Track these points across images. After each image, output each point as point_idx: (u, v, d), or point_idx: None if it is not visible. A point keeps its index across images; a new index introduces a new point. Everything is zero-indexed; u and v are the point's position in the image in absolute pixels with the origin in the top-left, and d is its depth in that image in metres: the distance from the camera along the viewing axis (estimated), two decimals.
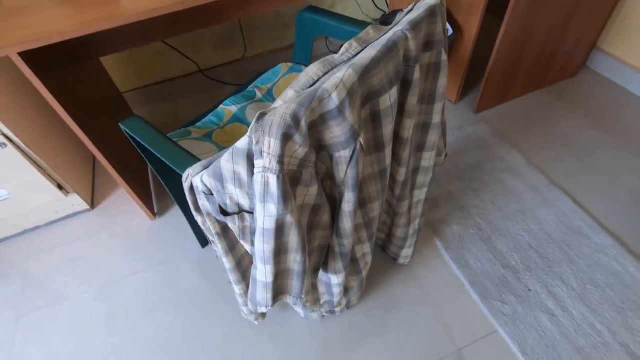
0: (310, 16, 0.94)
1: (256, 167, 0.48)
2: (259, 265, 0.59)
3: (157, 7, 0.81)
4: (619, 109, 1.54)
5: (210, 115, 0.97)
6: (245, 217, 0.58)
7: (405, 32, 0.50)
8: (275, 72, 1.04)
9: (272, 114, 0.44)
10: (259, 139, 0.45)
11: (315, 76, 0.53)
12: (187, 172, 0.58)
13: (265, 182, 0.48)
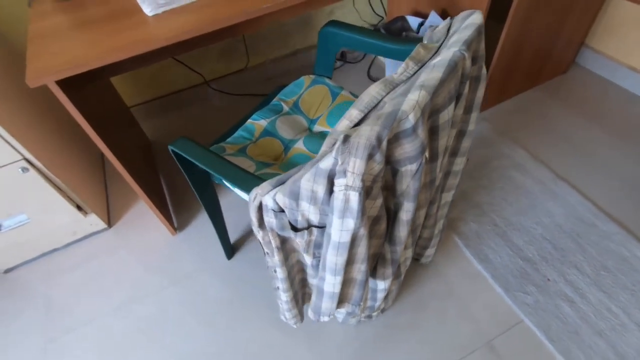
0: (334, 30, 0.97)
1: (337, 185, 0.50)
2: (328, 277, 0.62)
3: (186, 29, 0.83)
4: (610, 103, 1.63)
5: (240, 131, 0.99)
6: (313, 231, 0.61)
7: (463, 52, 0.54)
8: (299, 85, 1.07)
9: (358, 136, 0.47)
10: (344, 160, 0.48)
11: (378, 96, 0.56)
12: (254, 192, 0.60)
13: (346, 199, 0.51)
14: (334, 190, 0.52)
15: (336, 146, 0.48)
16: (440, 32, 0.70)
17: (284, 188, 0.55)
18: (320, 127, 1.02)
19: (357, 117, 0.56)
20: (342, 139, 0.48)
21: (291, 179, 0.55)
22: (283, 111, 1.02)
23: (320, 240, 0.63)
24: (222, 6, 0.88)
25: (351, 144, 0.47)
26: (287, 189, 0.55)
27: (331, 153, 0.49)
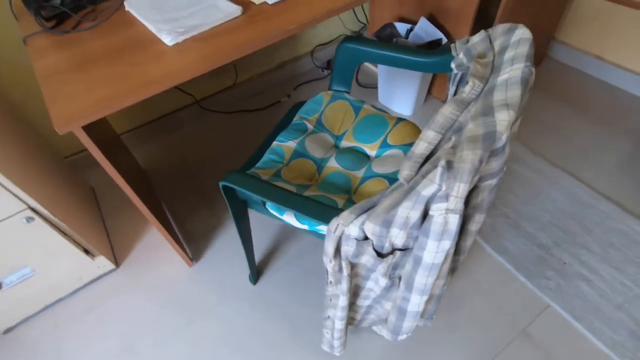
0: (353, 46, 0.98)
1: (436, 210, 0.51)
2: (415, 298, 0.62)
3: (212, 57, 0.80)
4: (585, 91, 1.77)
5: (268, 154, 0.97)
6: (396, 254, 0.61)
7: (530, 68, 0.56)
8: (318, 102, 1.06)
9: (461, 161, 0.48)
10: (449, 185, 0.48)
11: (453, 116, 0.57)
12: (335, 223, 0.59)
13: (446, 222, 0.51)
14: (430, 214, 0.52)
15: (438, 173, 0.48)
16: (480, 45, 0.73)
17: (375, 217, 0.55)
18: (347, 142, 1.02)
19: (435, 138, 0.57)
20: (444, 166, 0.48)
21: (381, 208, 0.55)
22: (309, 130, 1.01)
23: (399, 262, 0.63)
24: (246, 30, 0.86)
25: (455, 169, 0.48)
26: (381, 218, 0.54)
27: (433, 180, 0.49)
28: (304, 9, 0.91)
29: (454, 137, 0.56)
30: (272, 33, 0.84)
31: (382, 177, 0.90)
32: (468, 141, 0.50)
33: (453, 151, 0.51)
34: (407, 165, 0.57)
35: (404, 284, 0.63)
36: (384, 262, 0.60)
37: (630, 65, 1.71)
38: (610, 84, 1.79)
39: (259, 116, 1.77)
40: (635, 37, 1.63)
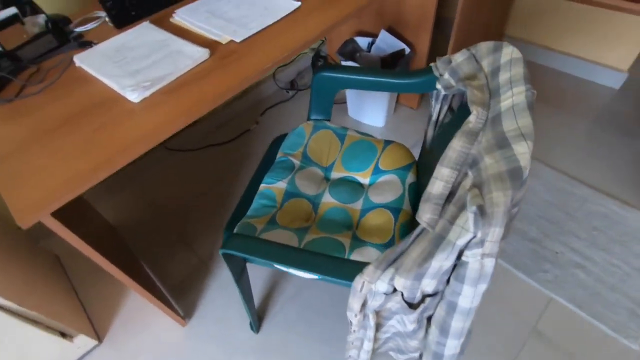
0: (330, 75, 0.94)
1: (471, 256, 0.48)
2: (451, 342, 0.59)
3: (186, 110, 0.73)
4: (541, 80, 1.86)
5: (258, 200, 0.90)
6: (427, 300, 0.57)
7: (533, 91, 0.55)
8: (300, 134, 1.01)
9: (492, 205, 0.45)
10: (484, 232, 0.45)
11: (465, 150, 0.55)
12: (361, 281, 0.55)
13: (482, 266, 0.48)
14: (464, 260, 0.49)
15: (472, 221, 0.46)
16: (467, 66, 0.71)
17: (406, 271, 0.51)
18: (338, 173, 0.98)
19: (452, 176, 0.55)
20: (477, 212, 0.45)
21: (411, 260, 0.51)
22: (296, 167, 0.96)
23: (428, 306, 0.59)
24: (219, 74, 0.79)
25: (489, 215, 0.45)
26: (413, 273, 0.50)
27: (467, 229, 0.46)
28: (275, 43, 0.86)
29: (470, 172, 0.53)
30: (247, 75, 0.79)
31: (382, 208, 0.86)
32: (494, 180, 0.47)
33: (478, 192, 0.48)
34: (427, 208, 0.54)
35: (438, 330, 0.59)
36: (415, 312, 0.56)
37: (575, 51, 1.82)
38: (560, 71, 1.90)
39: (230, 148, 1.69)
40: (577, 26, 1.74)
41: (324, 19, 0.92)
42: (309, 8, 0.96)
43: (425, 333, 0.65)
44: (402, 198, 0.87)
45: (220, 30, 0.90)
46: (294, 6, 0.95)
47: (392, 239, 0.80)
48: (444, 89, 0.76)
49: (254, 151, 1.66)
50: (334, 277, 0.60)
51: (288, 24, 0.91)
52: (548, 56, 1.90)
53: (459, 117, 0.78)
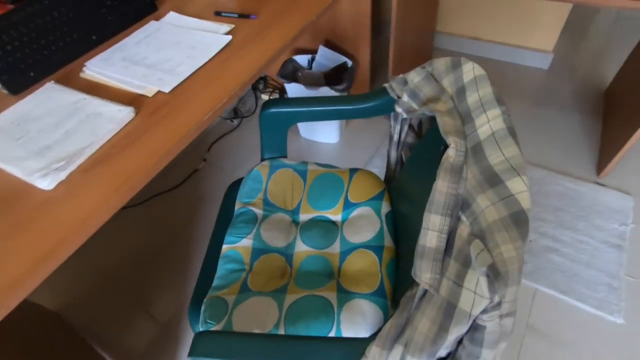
0: (278, 111, 0.85)
1: (487, 319, 0.42)
2: None
3: (102, 208, 0.61)
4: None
5: (223, 265, 0.79)
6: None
7: (508, 114, 0.51)
8: (256, 179, 0.91)
9: (505, 264, 0.39)
10: (501, 294, 0.39)
11: (453, 190, 0.49)
12: None
13: (501, 327, 0.42)
14: (481, 325, 0.42)
15: (486, 286, 0.39)
16: (426, 86, 0.66)
17: (419, 350, 0.44)
18: (306, 215, 0.89)
19: (444, 223, 0.48)
20: (490, 275, 0.39)
21: (422, 336, 0.44)
22: (259, 217, 0.86)
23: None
24: (152, 133, 0.67)
25: (504, 276, 0.39)
26: (427, 352, 0.43)
27: (482, 295, 0.40)
28: (212, 87, 0.75)
29: (464, 217, 0.47)
30: (186, 130, 0.68)
31: (363, 248, 0.79)
32: (498, 230, 0.41)
33: (482, 244, 0.42)
34: (425, 266, 0.47)
35: None
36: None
37: (502, 39, 1.89)
38: (492, 59, 1.96)
39: (179, 194, 1.54)
40: (500, 14, 1.81)
41: (262, 50, 0.83)
42: (242, 41, 0.86)
43: None
44: (382, 233, 0.80)
45: (143, 80, 0.78)
46: (224, 41, 0.85)
47: (380, 283, 0.73)
48: (406, 113, 0.70)
49: (207, 193, 1.52)
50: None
51: (222, 62, 0.81)
52: (479, 46, 1.96)
53: (430, 141, 0.73)
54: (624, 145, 1.30)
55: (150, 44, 0.87)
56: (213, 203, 1.48)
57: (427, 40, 1.86)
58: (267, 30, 0.88)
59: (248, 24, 0.92)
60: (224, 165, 1.61)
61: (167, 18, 0.96)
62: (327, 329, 0.67)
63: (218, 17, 0.95)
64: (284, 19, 0.91)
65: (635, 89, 1.41)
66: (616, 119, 1.47)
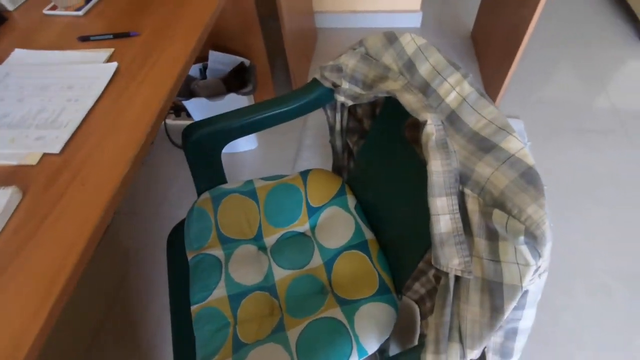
0: (207, 133, 0.73)
1: (529, 283, 0.41)
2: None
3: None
4: None
5: (201, 328, 0.66)
6: None
7: (469, 74, 0.50)
8: (201, 217, 0.78)
9: (536, 225, 0.38)
10: (542, 255, 0.38)
11: (448, 167, 0.46)
12: None
13: (539, 285, 0.42)
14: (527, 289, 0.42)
15: (529, 254, 0.38)
16: (364, 68, 0.62)
17: (479, 340, 0.41)
18: (271, 237, 0.80)
19: (452, 203, 0.46)
20: (528, 242, 0.37)
21: (475, 324, 0.41)
22: (221, 259, 0.74)
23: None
24: (55, 223, 0.50)
25: (539, 237, 0.38)
26: (486, 338, 0.41)
27: (527, 263, 0.38)
28: (119, 130, 0.60)
29: (468, 190, 0.45)
30: (109, 192, 0.52)
31: (346, 251, 0.74)
32: (515, 194, 0.40)
33: (503, 213, 0.40)
34: (450, 253, 0.44)
35: (499, 355, 0.53)
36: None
37: (375, 7, 1.97)
38: (371, 28, 2.05)
39: (97, 260, 1.27)
40: None
41: (165, 70, 0.69)
42: (133, 64, 0.71)
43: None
44: (359, 228, 0.76)
45: (12, 146, 0.58)
46: (110, 70, 0.68)
47: (379, 280, 0.69)
48: (352, 100, 0.66)
49: (132, 249, 1.29)
50: None
51: (117, 95, 0.65)
52: (357, 18, 2.02)
53: (385, 123, 0.70)
54: (504, 81, 1.48)
55: (3, 96, 0.66)
56: (144, 257, 1.27)
57: (310, 23, 1.84)
58: (159, 46, 0.74)
59: (131, 43, 0.75)
60: (142, 211, 1.39)
61: (13, 58, 0.74)
62: (347, 349, 0.61)
63: (86, 43, 0.77)
64: (173, 30, 0.77)
65: (491, 30, 1.61)
66: (488, 59, 1.66)
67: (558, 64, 1.77)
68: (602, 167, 1.38)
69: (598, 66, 1.74)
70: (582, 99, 1.62)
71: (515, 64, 1.39)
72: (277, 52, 1.87)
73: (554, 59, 1.80)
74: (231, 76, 1.34)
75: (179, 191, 1.43)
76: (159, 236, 1.31)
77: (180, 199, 1.41)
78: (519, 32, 1.31)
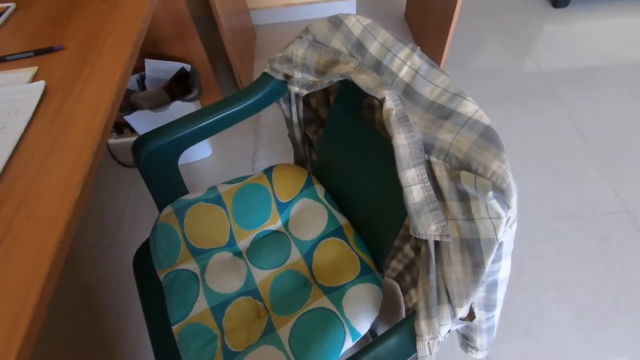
0: (160, 144, 0.69)
1: (502, 235, 0.43)
2: (497, 310, 0.56)
3: None
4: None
5: (187, 347, 0.63)
6: None
7: (419, 49, 0.51)
8: (166, 233, 0.74)
9: (501, 179, 0.40)
10: (511, 206, 0.41)
11: (412, 139, 0.48)
12: (424, 345, 0.44)
13: (511, 235, 0.45)
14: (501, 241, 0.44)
15: (499, 207, 0.40)
16: (317, 55, 0.62)
17: (466, 297, 0.43)
18: (245, 240, 0.78)
19: (422, 173, 0.47)
20: (497, 195, 0.40)
21: (460, 282, 0.43)
22: (196, 272, 0.71)
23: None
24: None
25: (506, 190, 0.40)
26: (472, 294, 0.43)
27: (498, 215, 0.40)
28: (59, 156, 0.55)
29: (434, 158, 0.47)
30: (55, 235, 0.48)
31: (323, 240, 0.74)
32: (478, 153, 0.42)
33: (470, 174, 0.42)
34: (426, 219, 0.46)
35: (484, 309, 0.55)
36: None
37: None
38: (306, 19, 2.05)
39: (57, 298, 1.17)
40: None
41: (101, 82, 0.63)
42: (64, 81, 0.65)
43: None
44: (332, 215, 0.76)
45: None
46: (38, 90, 0.62)
47: (360, 262, 0.70)
48: (306, 89, 0.65)
49: (92, 280, 1.20)
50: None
51: (52, 118, 0.59)
52: (293, 11, 2.01)
53: (342, 107, 0.70)
54: (442, 57, 1.55)
55: None
56: (109, 288, 1.18)
57: (247, 21, 1.80)
58: (90, 59, 0.68)
59: (56, 59, 0.69)
60: (98, 240, 1.29)
61: None
62: (341, 335, 0.61)
63: (2, 64, 0.69)
64: (103, 40, 0.71)
65: (423, 9, 1.68)
66: (424, 38, 1.73)
67: (486, 36, 1.89)
68: (537, 123, 1.50)
69: (522, 33, 1.88)
70: (512, 65, 1.74)
71: (449, 40, 1.46)
72: (218, 54, 1.81)
73: (483, 32, 1.91)
74: (173, 83, 1.28)
75: (134, 212, 1.35)
76: (122, 263, 1.23)
77: (137, 220, 1.33)
78: (449, 8, 1.38)
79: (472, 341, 0.57)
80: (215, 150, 1.50)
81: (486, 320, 0.58)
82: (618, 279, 1.10)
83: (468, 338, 0.57)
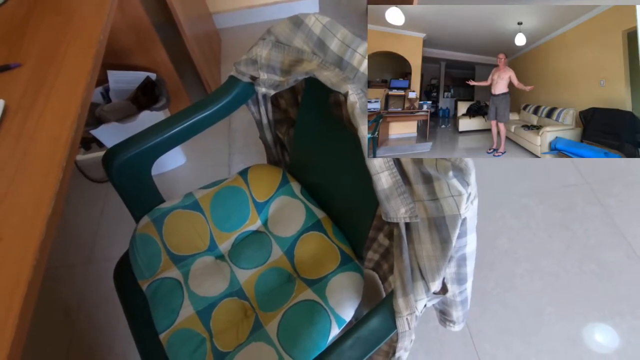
0: (132, 154, 0.68)
1: (465, 210, 0.47)
2: (469, 284, 0.60)
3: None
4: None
5: (177, 353, 0.63)
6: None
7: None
8: (146, 243, 0.73)
9: (460, 159, 0.43)
10: (470, 183, 0.44)
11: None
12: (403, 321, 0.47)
13: (474, 210, 0.48)
14: (463, 217, 0.48)
15: (459, 185, 0.43)
16: (280, 55, 0.64)
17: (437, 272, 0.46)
18: (226, 243, 0.78)
19: (388, 160, 0.50)
20: (457, 175, 0.43)
21: (430, 257, 0.46)
22: (180, 279, 0.71)
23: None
24: None
25: (464, 168, 0.43)
26: (442, 268, 0.46)
27: (460, 192, 0.43)
28: (26, 178, 0.54)
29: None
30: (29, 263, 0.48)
31: (302, 235, 0.76)
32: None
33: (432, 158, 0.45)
34: (396, 204, 0.49)
35: (456, 284, 0.59)
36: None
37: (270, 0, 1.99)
38: (269, 20, 2.05)
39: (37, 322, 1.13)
40: None
41: (65, 97, 0.63)
42: (25, 98, 0.63)
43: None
44: (309, 211, 0.78)
45: None
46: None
47: (340, 252, 0.72)
48: (272, 89, 0.67)
49: (81, 292, 1.17)
50: (377, 345, 0.49)
51: (16, 136, 0.58)
52: (256, 13, 2.01)
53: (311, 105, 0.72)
54: None
55: None
56: (90, 306, 1.16)
57: (210, 25, 1.79)
58: (50, 74, 0.67)
59: (14, 76, 0.67)
60: (74, 260, 1.25)
61: None
62: (327, 323, 0.64)
63: None
64: (62, 53, 0.70)
65: (382, 3, 1.72)
66: None
67: None
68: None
69: None
70: None
71: None
72: (183, 60, 1.78)
73: None
74: (139, 94, 1.26)
75: (110, 227, 1.32)
76: (102, 279, 1.21)
77: (112, 235, 1.30)
78: (409, 2, 1.42)
79: (449, 315, 0.60)
80: (190, 158, 1.49)
81: (459, 294, 0.61)
82: (581, 244, 1.18)
83: (445, 313, 0.60)
